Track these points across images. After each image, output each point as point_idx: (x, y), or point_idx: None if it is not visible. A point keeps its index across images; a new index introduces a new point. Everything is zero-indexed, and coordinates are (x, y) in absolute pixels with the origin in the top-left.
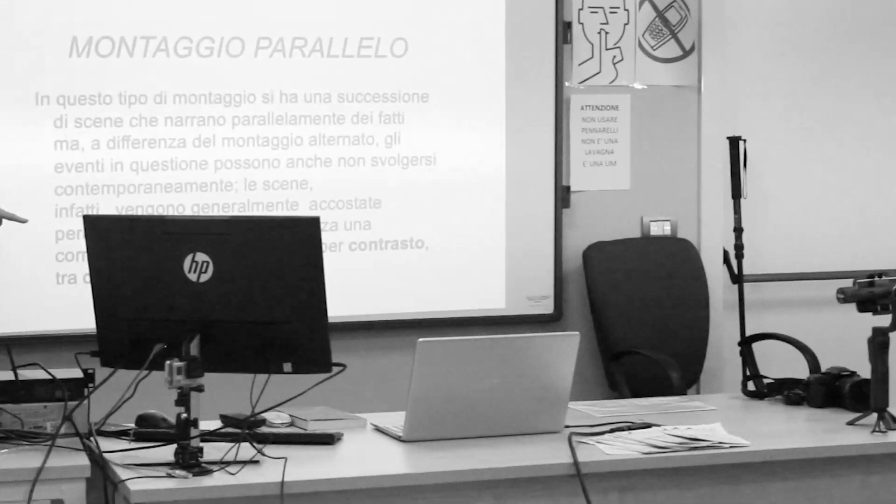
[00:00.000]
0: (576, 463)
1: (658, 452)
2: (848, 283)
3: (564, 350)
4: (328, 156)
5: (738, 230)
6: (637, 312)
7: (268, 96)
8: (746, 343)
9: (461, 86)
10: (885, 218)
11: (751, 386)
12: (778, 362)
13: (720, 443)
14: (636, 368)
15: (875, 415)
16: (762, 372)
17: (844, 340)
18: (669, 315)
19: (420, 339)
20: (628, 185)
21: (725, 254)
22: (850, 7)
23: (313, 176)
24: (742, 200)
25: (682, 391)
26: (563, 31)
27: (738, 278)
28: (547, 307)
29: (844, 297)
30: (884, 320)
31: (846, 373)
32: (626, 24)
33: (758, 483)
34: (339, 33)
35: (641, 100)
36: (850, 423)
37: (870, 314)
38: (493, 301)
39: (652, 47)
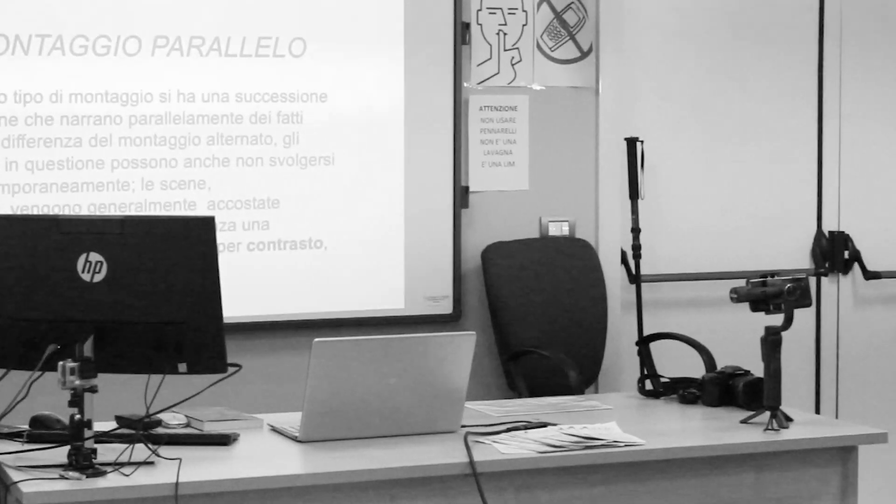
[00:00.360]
0: (471, 462)
1: (554, 451)
2: (742, 283)
3: (461, 350)
4: (226, 156)
5: (636, 230)
6: (535, 312)
7: (165, 95)
8: (644, 343)
9: (359, 86)
10: (778, 218)
11: (648, 385)
12: (675, 361)
13: (615, 441)
14: (534, 368)
15: (768, 413)
16: (661, 371)
17: (740, 339)
18: (568, 315)
19: (316, 340)
20: (527, 186)
21: (623, 254)
22: (744, 9)
23: (211, 176)
24: (639, 201)
25: (580, 391)
26: (462, 32)
27: (635, 278)
28: (446, 307)
29: (738, 296)
30: (776, 319)
31: (740, 372)
32: (524, 26)
33: (653, 481)
34: (237, 33)
35: (540, 101)
36: (744, 422)
37: (763, 313)
38: (391, 301)
39: (550, 48)
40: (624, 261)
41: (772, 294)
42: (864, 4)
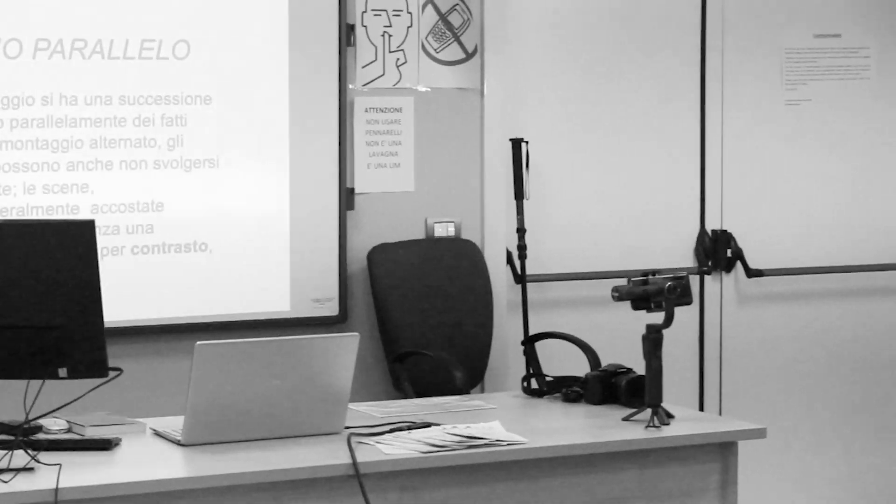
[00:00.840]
0: (354, 463)
1: (436, 451)
2: (624, 282)
3: (343, 351)
4: (109, 159)
5: (521, 231)
6: (421, 313)
7: (47, 98)
8: (529, 342)
9: (244, 88)
10: (662, 217)
11: (533, 384)
12: (562, 361)
13: (498, 440)
14: (420, 369)
15: (649, 410)
16: (547, 370)
17: (625, 338)
18: (454, 315)
19: (198, 343)
20: (412, 187)
21: (509, 254)
22: (628, 10)
23: (94, 179)
24: (525, 201)
25: (465, 391)
26: (347, 33)
27: (521, 278)
28: (332, 309)
29: (619, 295)
30: (657, 318)
31: (623, 370)
32: (409, 27)
33: (535, 479)
34: (120, 35)
35: (425, 102)
36: (626, 419)
37: (645, 312)
38: (277, 304)
39: (435, 50)
40: (509, 261)
41: (652, 292)
42: (745, 6)
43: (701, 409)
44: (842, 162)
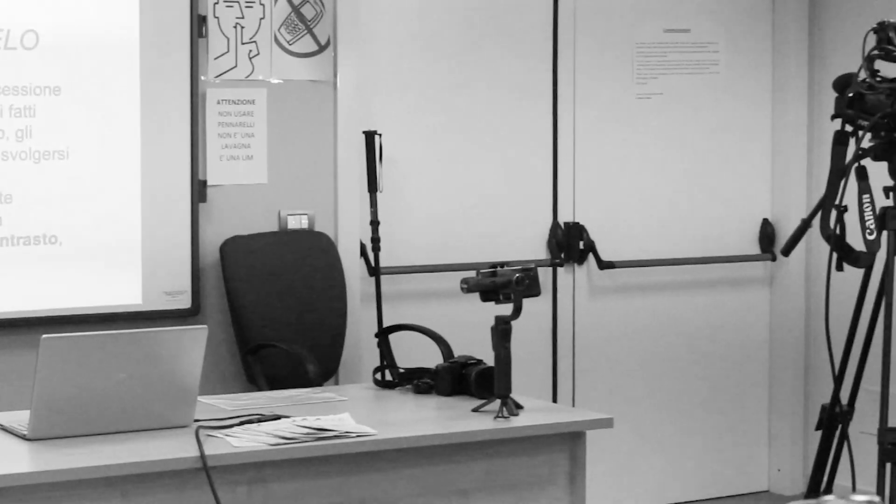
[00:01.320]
0: (202, 456)
1: (285, 443)
2: (473, 273)
3: (192, 344)
4: None
5: (375, 223)
6: (274, 306)
7: None
8: (383, 334)
9: (95, 79)
10: (515, 210)
11: (388, 376)
12: (416, 352)
13: (347, 432)
14: (274, 361)
15: (498, 401)
16: (404, 362)
17: (478, 329)
18: (307, 308)
19: (43, 336)
20: (265, 179)
21: (363, 246)
22: (481, 4)
23: None
24: (378, 194)
25: (319, 383)
26: (198, 24)
27: (375, 271)
28: (184, 302)
29: (468, 287)
30: (506, 309)
31: (473, 361)
32: (261, 19)
33: (386, 471)
34: None
35: (278, 94)
36: (475, 410)
37: (493, 303)
38: (129, 297)
39: (288, 42)
40: (363, 253)
41: (501, 284)
42: (595, 5)
43: (554, 400)
44: (692, 155)
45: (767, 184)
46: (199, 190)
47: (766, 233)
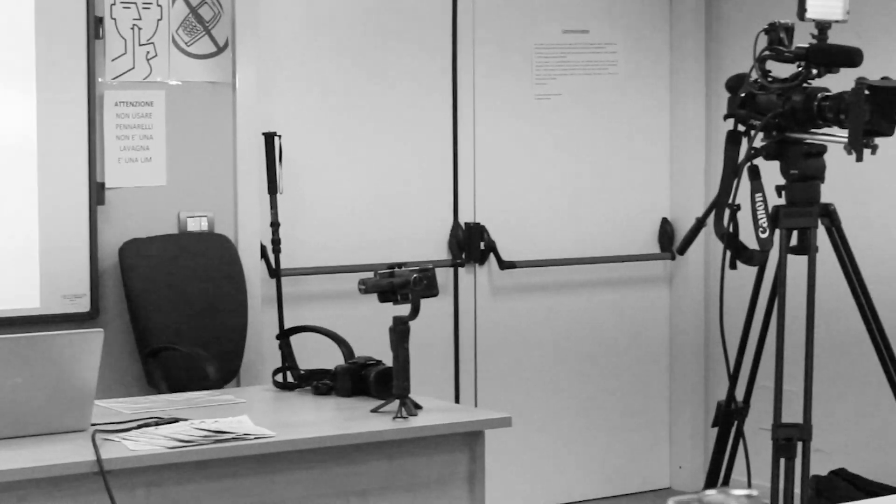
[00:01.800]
0: (99, 461)
1: (183, 446)
2: (371, 274)
3: (88, 347)
4: None
5: (275, 225)
6: (174, 308)
7: None
8: (284, 336)
9: None
10: (416, 211)
11: (283, 377)
12: (319, 354)
13: (245, 434)
14: (174, 364)
15: (397, 401)
16: (308, 363)
17: (380, 330)
18: (208, 310)
19: None
20: (164, 181)
21: (263, 248)
22: (381, 5)
23: None
24: (278, 195)
25: (219, 385)
26: (95, 26)
27: (275, 272)
28: (83, 305)
29: (366, 287)
30: (404, 310)
31: (372, 362)
32: (159, 20)
33: (283, 472)
34: None
35: (176, 96)
36: (374, 411)
37: (391, 304)
38: (27, 301)
39: (186, 43)
40: (264, 255)
41: (399, 284)
42: (494, 6)
43: (457, 400)
44: (591, 155)
45: (666, 183)
46: (98, 192)
47: (666, 232)
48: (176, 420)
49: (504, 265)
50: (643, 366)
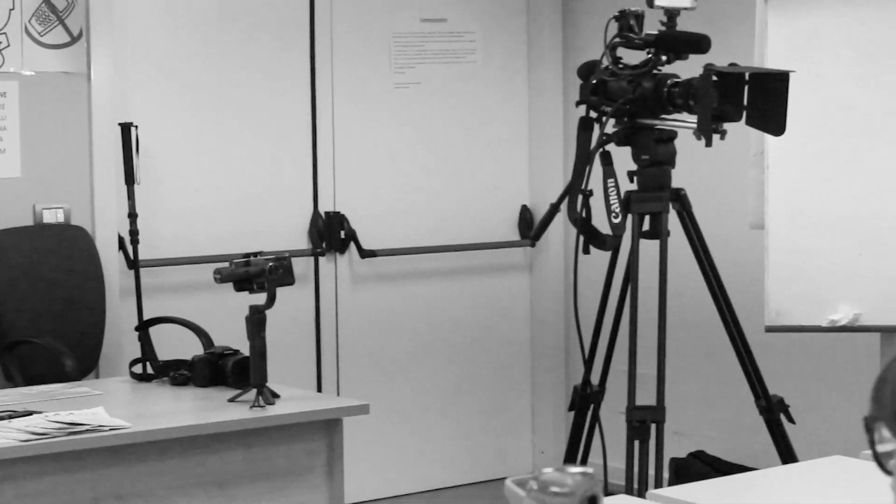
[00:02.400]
0: None
1: (37, 439)
2: (227, 264)
3: None
4: None
5: (133, 216)
6: (31, 301)
7: None
8: (143, 327)
9: None
10: (276, 200)
11: (142, 369)
12: (180, 345)
13: (100, 426)
14: (31, 358)
15: (254, 391)
16: (168, 355)
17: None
18: (65, 303)
19: None
20: (19, 173)
21: (121, 240)
22: None
23: None
24: (136, 186)
25: (77, 378)
26: None
27: (134, 264)
28: None
29: (221, 277)
30: (261, 299)
31: (229, 351)
32: (11, 10)
33: (141, 463)
34: None
35: (30, 86)
36: (231, 400)
37: (247, 293)
38: None
39: (39, 33)
40: (122, 246)
41: (254, 273)
42: None
43: (319, 389)
44: (451, 143)
45: (525, 171)
46: None
47: (525, 219)
48: (30, 413)
49: (364, 254)
50: (505, 352)
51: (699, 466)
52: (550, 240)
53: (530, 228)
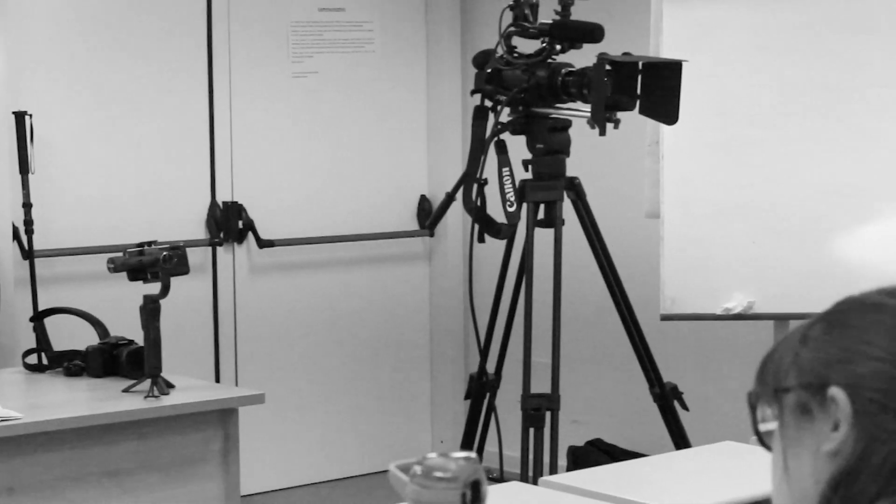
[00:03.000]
0: None
1: None
2: (121, 254)
3: None
4: None
5: (27, 205)
6: None
7: None
8: (38, 318)
9: None
10: (173, 190)
11: (36, 359)
12: (77, 336)
13: None
14: None
15: (149, 381)
16: (63, 346)
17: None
18: None
19: None
20: None
21: (15, 230)
22: None
23: None
24: (30, 176)
25: None
26: None
27: (28, 254)
28: None
29: (115, 266)
30: (155, 288)
31: (124, 342)
32: None
33: (34, 455)
34: None
35: None
36: (126, 390)
37: (142, 283)
38: None
39: None
40: (16, 236)
41: (148, 263)
42: None
43: (217, 380)
44: (350, 133)
45: (423, 160)
46: None
47: (424, 209)
48: None
49: (262, 244)
50: (404, 342)
51: (596, 454)
52: (448, 229)
53: (428, 218)
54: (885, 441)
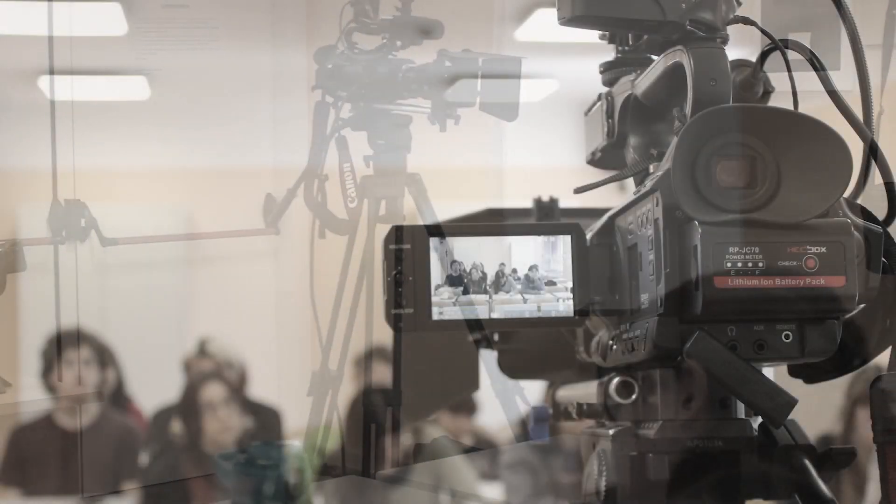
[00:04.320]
0: None
1: None
2: None
3: None
4: None
5: None
6: None
7: None
8: None
9: None
10: (5, 186)
11: None
12: None
13: None
14: None
15: None
16: None
17: None
18: None
19: None
20: None
21: None
22: None
23: None
24: None
25: None
26: None
27: None
28: None
29: None
30: None
31: None
32: None
33: None
34: None
35: None
36: None
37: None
38: None
39: None
40: None
41: None
42: None
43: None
44: (192, 131)
45: (269, 158)
46: None
47: (269, 207)
48: None
49: (106, 242)
50: (249, 339)
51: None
52: (294, 226)
53: (271, 216)
54: None
